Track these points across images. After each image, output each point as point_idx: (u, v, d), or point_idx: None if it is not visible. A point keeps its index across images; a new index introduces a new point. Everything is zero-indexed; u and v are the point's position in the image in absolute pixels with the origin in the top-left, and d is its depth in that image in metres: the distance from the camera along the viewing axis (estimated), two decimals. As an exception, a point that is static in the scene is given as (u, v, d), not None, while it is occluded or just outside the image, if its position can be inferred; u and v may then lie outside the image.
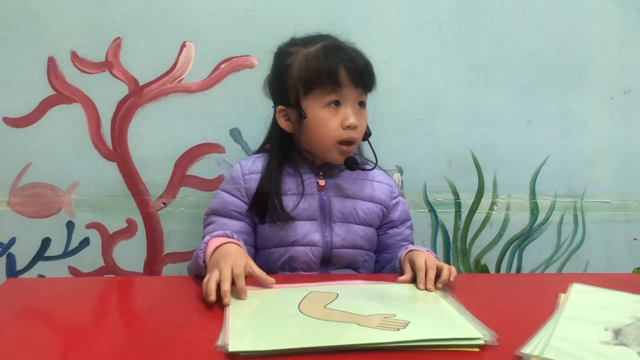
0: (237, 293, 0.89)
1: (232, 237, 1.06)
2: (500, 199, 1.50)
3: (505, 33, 1.44)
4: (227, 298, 0.87)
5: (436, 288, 0.97)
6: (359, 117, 1.13)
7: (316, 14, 1.37)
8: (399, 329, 0.78)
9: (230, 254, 0.96)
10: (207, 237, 1.07)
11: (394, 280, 1.02)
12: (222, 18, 1.36)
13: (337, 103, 1.12)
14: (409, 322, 0.80)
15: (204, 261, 1.00)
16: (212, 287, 0.88)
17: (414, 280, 1.01)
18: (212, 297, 0.87)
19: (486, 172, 1.49)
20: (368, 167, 1.23)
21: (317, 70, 1.11)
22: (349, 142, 1.14)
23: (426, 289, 0.97)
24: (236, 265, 0.92)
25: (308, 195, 1.16)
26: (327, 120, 1.12)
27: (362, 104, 1.16)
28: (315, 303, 0.88)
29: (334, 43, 1.15)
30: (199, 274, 1.03)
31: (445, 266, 1.00)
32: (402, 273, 1.06)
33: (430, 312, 0.87)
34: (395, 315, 0.82)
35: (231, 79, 1.38)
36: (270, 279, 0.96)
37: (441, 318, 0.84)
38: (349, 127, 1.11)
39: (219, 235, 1.06)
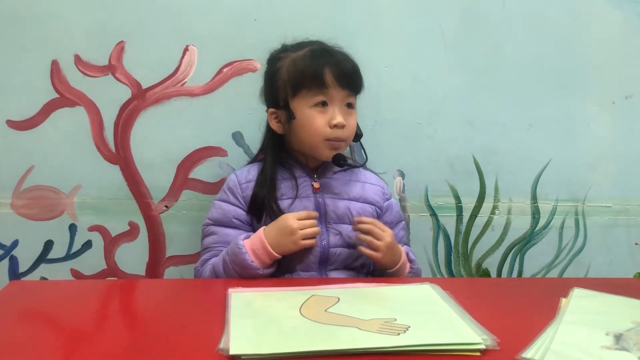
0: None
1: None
2: (501, 203, 1.50)
3: (507, 38, 1.44)
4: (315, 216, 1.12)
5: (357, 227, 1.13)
6: (347, 117, 1.16)
7: (319, 18, 1.37)
8: (399, 334, 0.78)
9: (279, 224, 1.10)
10: (239, 242, 1.09)
11: (395, 282, 1.02)
12: (225, 22, 1.36)
13: (324, 104, 1.15)
14: (409, 327, 0.80)
15: (253, 260, 1.07)
16: (309, 231, 1.09)
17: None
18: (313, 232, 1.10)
19: (488, 176, 1.49)
20: (359, 169, 1.26)
21: (303, 72, 1.15)
22: (337, 139, 1.16)
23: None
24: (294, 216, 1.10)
25: (304, 198, 1.18)
26: (314, 119, 1.15)
27: (350, 105, 1.18)
28: (316, 307, 0.88)
29: (322, 47, 1.19)
30: (230, 275, 1.08)
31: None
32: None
33: (430, 316, 0.87)
34: (395, 320, 0.83)
35: (233, 82, 1.38)
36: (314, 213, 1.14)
37: (442, 322, 0.84)
38: (335, 126, 1.14)
39: (243, 239, 1.10)
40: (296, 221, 1.09)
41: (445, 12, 1.42)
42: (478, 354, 0.74)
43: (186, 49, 1.36)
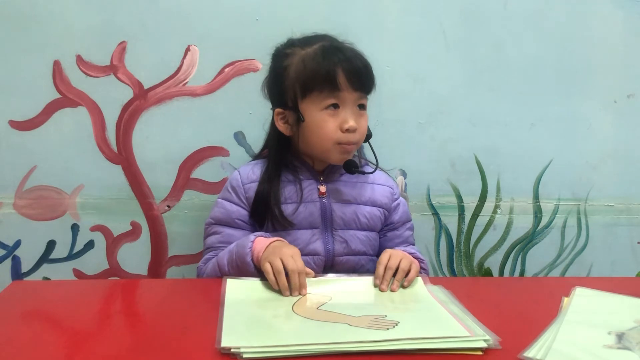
0: (296, 287, 0.94)
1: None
2: (503, 202, 1.50)
3: (509, 37, 1.44)
4: (305, 289, 0.94)
5: (392, 290, 0.98)
6: (358, 120, 1.11)
7: (320, 18, 1.37)
8: (388, 329, 0.79)
9: (285, 247, 1.00)
10: (251, 236, 1.05)
11: None
12: (227, 22, 1.36)
13: (336, 106, 1.10)
14: (398, 322, 0.81)
15: (252, 259, 1.01)
16: (285, 282, 0.93)
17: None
18: (288, 292, 0.93)
19: (490, 176, 1.49)
20: (368, 169, 1.21)
21: (314, 73, 1.08)
22: (348, 143, 1.11)
23: (380, 288, 0.98)
24: (296, 255, 0.97)
25: (309, 203, 1.15)
26: (326, 123, 1.09)
27: (362, 107, 1.13)
28: (308, 304, 0.90)
29: (332, 44, 1.12)
30: (231, 273, 1.04)
31: (406, 269, 1.00)
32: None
33: (420, 312, 0.88)
34: (385, 316, 0.84)
35: (235, 82, 1.38)
36: (311, 272, 1.00)
37: (430, 318, 0.85)
38: (347, 130, 1.09)
39: (261, 236, 1.06)
40: (292, 259, 0.95)
41: (446, 12, 1.42)
42: (480, 353, 0.74)
43: (188, 49, 1.37)
